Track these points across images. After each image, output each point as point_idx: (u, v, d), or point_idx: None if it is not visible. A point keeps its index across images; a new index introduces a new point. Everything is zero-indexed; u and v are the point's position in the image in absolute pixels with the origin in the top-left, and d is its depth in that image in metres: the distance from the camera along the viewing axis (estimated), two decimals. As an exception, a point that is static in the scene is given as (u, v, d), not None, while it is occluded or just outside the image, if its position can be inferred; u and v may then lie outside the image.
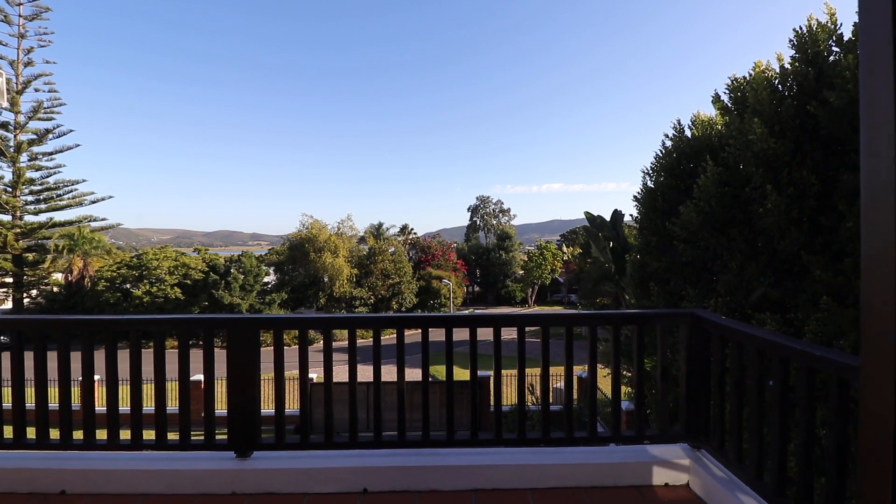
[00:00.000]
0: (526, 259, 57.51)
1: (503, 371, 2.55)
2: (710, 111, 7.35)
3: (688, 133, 7.16)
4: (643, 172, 7.98)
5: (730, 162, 5.56)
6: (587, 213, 12.66)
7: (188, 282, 33.64)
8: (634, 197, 7.96)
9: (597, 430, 2.61)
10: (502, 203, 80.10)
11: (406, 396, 2.57)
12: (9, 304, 33.80)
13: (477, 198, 79.53)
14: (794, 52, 4.78)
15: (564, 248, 58.23)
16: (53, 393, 2.66)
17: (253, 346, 2.49)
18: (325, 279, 37.31)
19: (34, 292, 33.84)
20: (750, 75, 5.75)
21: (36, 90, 31.44)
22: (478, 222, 77.85)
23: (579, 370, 15.62)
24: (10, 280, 32.03)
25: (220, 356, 2.39)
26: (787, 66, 4.91)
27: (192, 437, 2.53)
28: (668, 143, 7.33)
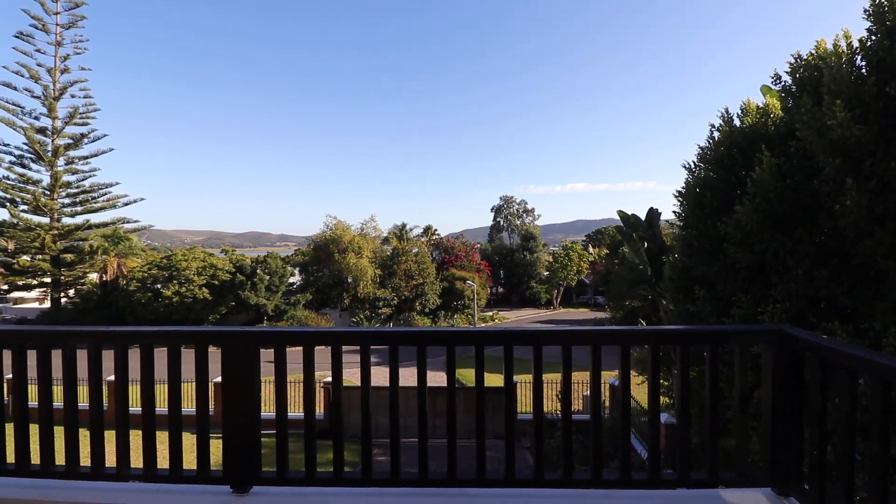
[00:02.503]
0: (551, 260, 56.49)
1: (519, 377, 2.13)
2: (757, 100, 6.71)
3: (737, 123, 6.55)
4: (685, 167, 7.38)
5: (792, 152, 4.96)
6: (620, 212, 12.04)
7: (216, 282, 34.25)
8: (676, 193, 7.36)
9: (660, 470, 2.15)
10: (526, 203, 79.02)
11: (428, 399, 2.17)
12: (47, 304, 35.20)
13: (500, 198, 78.74)
14: (870, 22, 4.17)
15: (590, 249, 56.98)
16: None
17: (251, 365, 2.15)
18: (349, 280, 37.42)
19: (71, 292, 35.10)
20: (812, 55, 5.13)
21: (72, 96, 32.66)
22: (501, 223, 77.03)
23: (610, 377, 14.94)
24: (48, 280, 33.31)
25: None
26: (858, 41, 4.30)
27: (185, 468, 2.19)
28: (716, 134, 6.72)
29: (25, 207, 31.58)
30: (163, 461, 2.19)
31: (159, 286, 33.36)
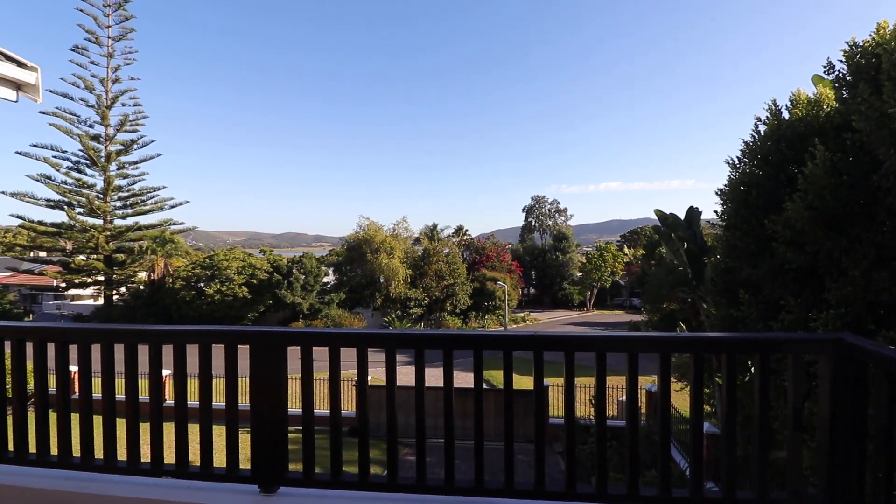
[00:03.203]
0: (584, 261, 55.29)
1: (551, 380, 2.03)
2: (807, 90, 6.27)
3: (786, 115, 6.15)
4: (729, 163, 7.00)
5: (848, 145, 4.60)
6: (658, 211, 11.58)
7: (254, 281, 35.42)
8: (719, 191, 7.00)
9: (703, 487, 2.01)
10: (558, 203, 77.58)
11: (456, 400, 2.11)
12: (101, 301, 37.39)
13: (532, 198, 77.67)
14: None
15: (626, 250, 55.37)
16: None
17: (279, 364, 2.15)
18: (381, 280, 37.87)
19: (122, 290, 37.15)
20: (870, 41, 4.74)
21: (123, 105, 34.57)
22: (533, 223, 75.97)
23: (647, 382, 14.42)
24: (101, 278, 35.37)
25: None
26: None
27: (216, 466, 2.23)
28: (762, 128, 6.34)
29: (81, 210, 33.66)
30: (193, 456, 2.23)
31: (202, 285, 34.80)
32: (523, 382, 3.46)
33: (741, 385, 5.07)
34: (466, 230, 51.41)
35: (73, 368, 2.37)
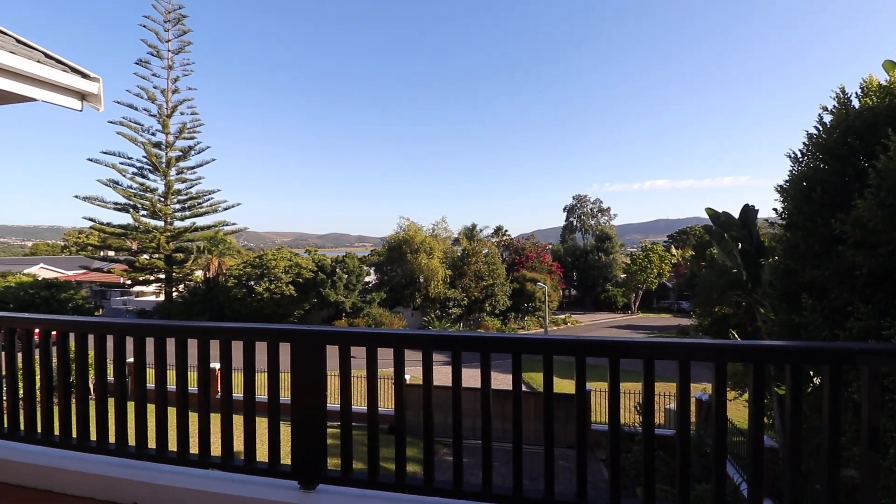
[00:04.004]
0: (628, 262, 53.39)
1: (592, 384, 1.93)
2: (879, 76, 5.72)
3: (855, 104, 5.65)
4: (790, 157, 6.52)
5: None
6: (709, 210, 10.99)
7: (300, 280, 36.69)
8: (778, 188, 6.54)
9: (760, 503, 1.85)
10: (601, 202, 75.43)
11: (494, 401, 2.07)
12: (162, 297, 39.96)
13: (573, 197, 75.92)
14: None
15: (673, 250, 52.99)
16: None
17: (319, 362, 2.19)
18: (421, 280, 38.19)
19: (181, 287, 39.52)
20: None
21: (181, 113, 36.80)
22: (574, 223, 74.25)
23: (696, 390, 13.71)
24: (162, 276, 37.79)
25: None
26: None
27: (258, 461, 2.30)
28: (827, 119, 5.86)
29: (145, 212, 36.13)
30: (236, 447, 2.31)
31: (252, 283, 36.44)
32: (563, 386, 3.37)
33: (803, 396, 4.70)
34: (506, 230, 50.93)
35: (130, 360, 2.51)
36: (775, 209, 6.71)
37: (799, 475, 1.85)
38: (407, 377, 15.77)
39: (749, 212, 10.63)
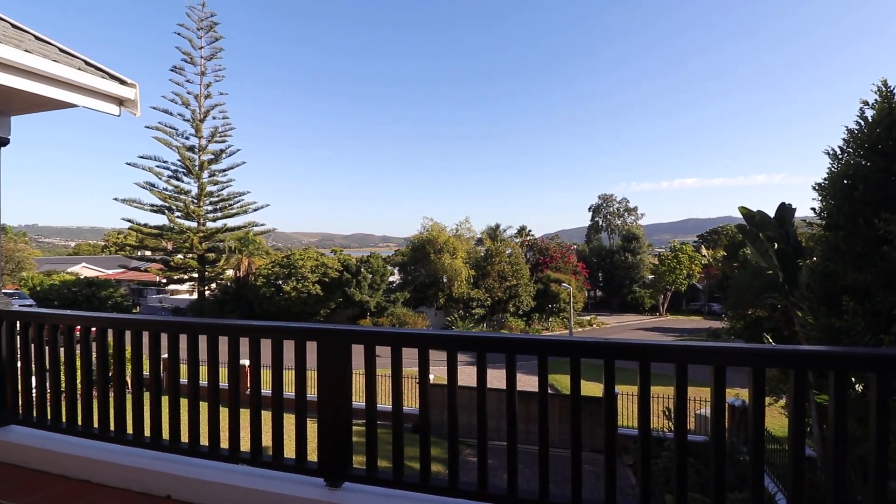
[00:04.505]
0: (656, 262, 52.09)
1: (619, 387, 1.87)
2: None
3: (904, 97, 5.34)
4: (829, 154, 6.23)
5: None
6: (743, 209, 10.59)
7: (326, 279, 37.31)
8: (816, 186, 6.25)
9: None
10: (627, 201, 73.97)
11: (519, 403, 2.04)
12: (195, 296, 41.32)
13: (599, 196, 74.74)
14: None
15: (703, 251, 51.40)
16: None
17: (345, 361, 2.21)
18: (444, 280, 38.25)
19: (213, 286, 40.78)
20: None
21: (213, 118, 37.95)
22: (600, 222, 73.05)
23: (730, 396, 13.24)
24: (195, 275, 39.08)
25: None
26: None
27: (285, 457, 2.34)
28: (869, 113, 5.56)
29: (179, 214, 37.47)
30: (263, 442, 2.35)
31: (280, 282, 37.27)
32: (588, 388, 3.30)
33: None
34: (529, 230, 50.49)
35: (165, 356, 2.60)
36: (813, 208, 6.42)
37: (844, 487, 1.76)
38: (430, 377, 15.81)
39: (786, 211, 10.20)
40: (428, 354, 2.11)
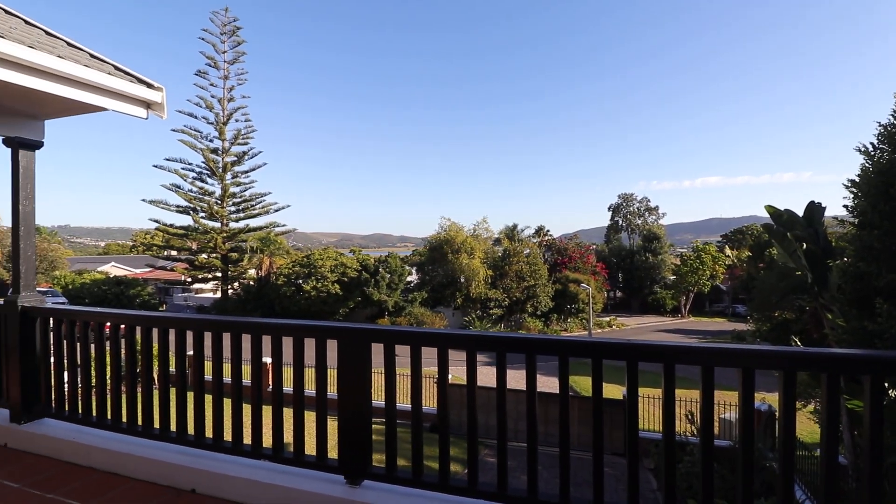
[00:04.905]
0: (678, 263, 50.99)
1: (649, 390, 1.83)
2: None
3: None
4: (861, 151, 5.99)
5: None
6: (770, 208, 10.30)
7: (345, 279, 37.69)
8: (849, 183, 6.02)
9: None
10: (648, 200, 72.51)
11: (539, 404, 2.02)
12: (218, 294, 42.26)
13: (619, 196, 73.47)
14: None
15: (728, 251, 50.10)
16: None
17: (364, 359, 2.22)
18: (462, 280, 38.21)
19: (236, 285, 41.63)
20: None
21: (236, 120, 38.73)
22: (620, 222, 71.84)
23: (756, 400, 12.86)
24: (219, 274, 39.97)
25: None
26: None
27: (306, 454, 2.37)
28: (909, 107, 5.33)
29: (203, 215, 38.37)
30: (284, 439, 2.38)
31: (301, 282, 37.81)
32: (606, 391, 3.25)
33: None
34: (548, 230, 49.99)
35: (190, 353, 2.66)
36: (846, 206, 6.19)
37: (880, 497, 1.68)
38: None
39: (815, 209, 9.87)
40: (447, 354, 2.11)
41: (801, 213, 10.36)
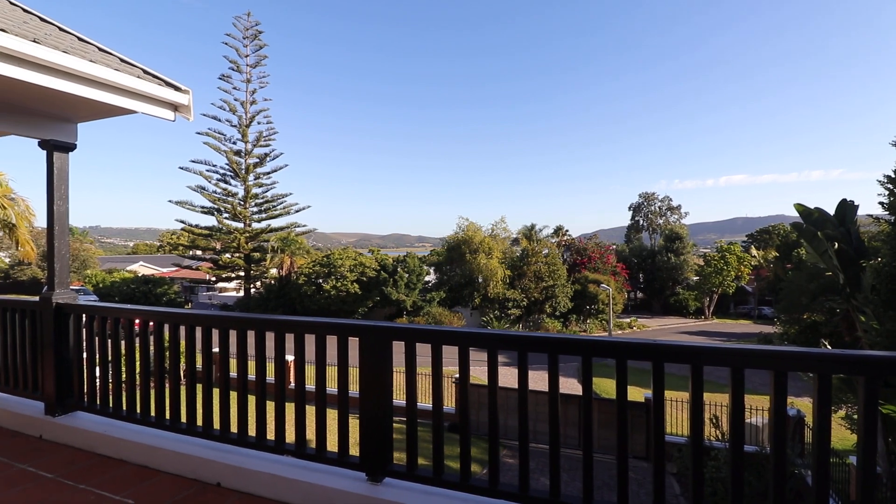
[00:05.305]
0: (701, 263, 49.77)
1: (671, 393, 1.78)
2: None
3: None
4: (900, 146, 5.74)
5: None
6: (799, 206, 9.97)
7: (364, 279, 38.03)
8: (885, 179, 5.78)
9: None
10: (670, 200, 70.99)
11: (560, 408, 1.99)
12: (241, 293, 43.15)
13: (640, 195, 72.13)
14: None
15: (753, 251, 48.70)
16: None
17: (385, 357, 2.23)
18: (480, 280, 38.11)
19: (258, 284, 42.44)
20: None
21: (258, 123, 39.47)
22: (641, 222, 70.54)
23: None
24: (242, 274, 40.82)
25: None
26: None
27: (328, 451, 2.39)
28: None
29: (227, 215, 39.25)
30: (306, 435, 2.41)
31: (321, 281, 38.32)
32: (629, 393, 3.18)
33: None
34: (566, 230, 49.41)
35: (216, 350, 2.71)
36: (882, 202, 5.94)
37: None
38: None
39: (847, 207, 9.50)
40: (468, 353, 2.10)
41: (831, 211, 10.00)
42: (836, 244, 9.57)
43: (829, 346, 12.92)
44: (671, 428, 14.33)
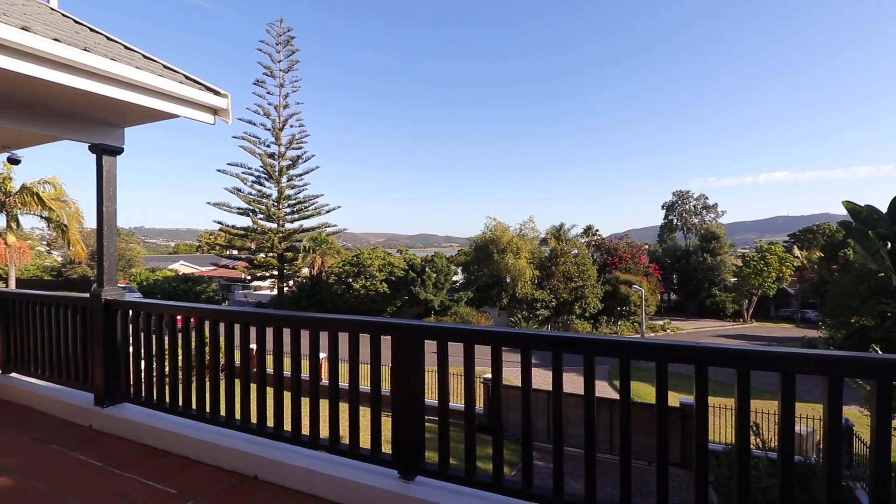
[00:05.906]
0: (740, 264, 47.77)
1: (713, 399, 1.70)
2: None
3: None
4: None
5: None
6: (848, 204, 9.42)
7: (392, 278, 38.46)
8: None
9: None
10: (706, 198, 68.48)
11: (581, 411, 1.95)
12: (275, 292, 44.39)
13: (673, 193, 69.93)
14: None
15: (796, 251, 46.36)
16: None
17: (417, 355, 2.24)
18: (508, 280, 37.85)
19: (290, 283, 43.58)
20: None
21: (291, 126, 40.52)
22: (674, 221, 68.36)
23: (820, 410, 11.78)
24: (276, 273, 42.00)
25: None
26: None
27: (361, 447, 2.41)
28: None
29: (261, 216, 40.50)
30: (339, 431, 2.44)
31: (350, 280, 39.00)
32: (653, 395, 3.08)
33: None
34: (596, 230, 48.41)
35: (253, 346, 2.79)
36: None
37: None
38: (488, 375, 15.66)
39: (904, 205, 8.91)
40: (501, 353, 2.08)
41: (883, 209, 9.40)
42: (889, 244, 8.98)
43: (879, 352, 12.16)
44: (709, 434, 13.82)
